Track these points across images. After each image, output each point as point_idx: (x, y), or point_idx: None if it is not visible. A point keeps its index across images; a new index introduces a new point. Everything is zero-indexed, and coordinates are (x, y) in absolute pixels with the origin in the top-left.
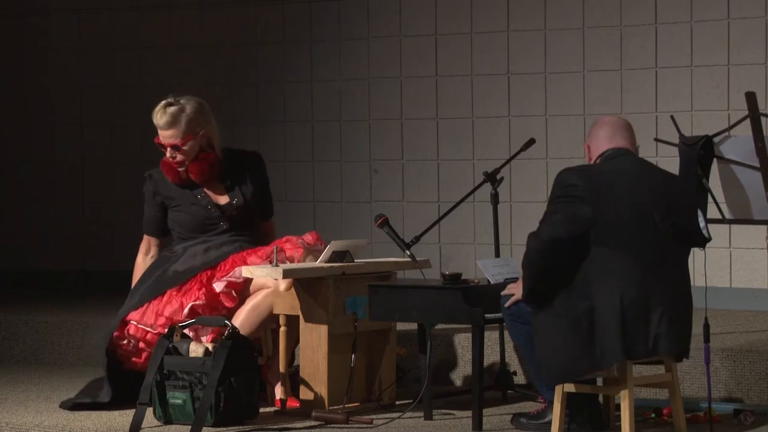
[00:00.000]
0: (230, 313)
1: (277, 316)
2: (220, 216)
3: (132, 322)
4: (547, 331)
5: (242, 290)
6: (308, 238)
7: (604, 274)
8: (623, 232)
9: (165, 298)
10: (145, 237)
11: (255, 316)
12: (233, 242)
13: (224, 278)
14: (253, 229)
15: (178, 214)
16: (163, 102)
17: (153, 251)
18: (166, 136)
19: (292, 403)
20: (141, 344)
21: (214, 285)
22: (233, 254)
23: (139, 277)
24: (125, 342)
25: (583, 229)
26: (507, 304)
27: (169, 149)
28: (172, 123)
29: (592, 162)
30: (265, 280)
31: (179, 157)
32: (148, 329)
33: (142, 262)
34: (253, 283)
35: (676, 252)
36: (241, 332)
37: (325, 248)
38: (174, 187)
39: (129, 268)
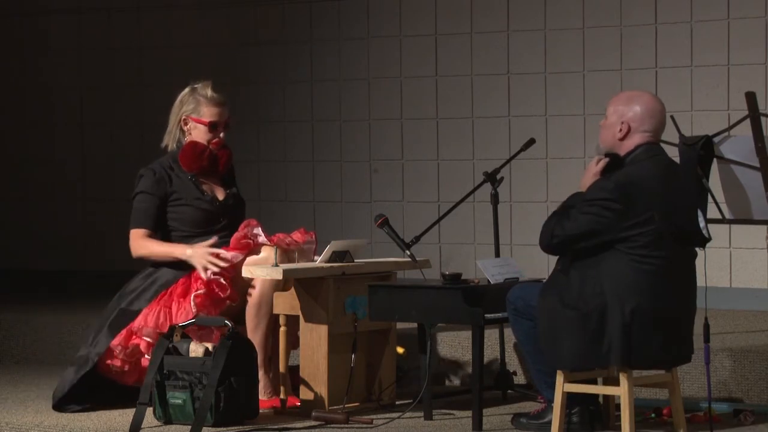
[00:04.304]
0: (231, 308)
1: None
2: (220, 210)
3: (144, 337)
4: (555, 319)
5: (235, 278)
6: (297, 236)
7: (619, 277)
8: (645, 241)
9: (174, 308)
10: (142, 231)
11: (264, 311)
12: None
13: None
14: None
15: (180, 208)
16: (203, 83)
17: None
18: (220, 113)
19: (292, 403)
20: (144, 359)
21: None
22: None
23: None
24: (128, 352)
25: (599, 239)
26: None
27: (222, 127)
28: (225, 101)
29: (623, 139)
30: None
31: (223, 138)
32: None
33: (157, 243)
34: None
35: (690, 258)
36: (259, 334)
37: (315, 243)
38: (177, 182)
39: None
